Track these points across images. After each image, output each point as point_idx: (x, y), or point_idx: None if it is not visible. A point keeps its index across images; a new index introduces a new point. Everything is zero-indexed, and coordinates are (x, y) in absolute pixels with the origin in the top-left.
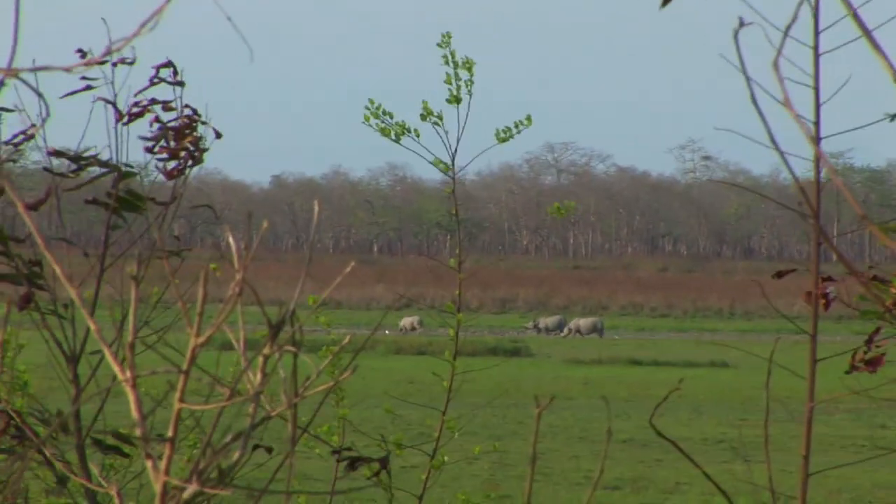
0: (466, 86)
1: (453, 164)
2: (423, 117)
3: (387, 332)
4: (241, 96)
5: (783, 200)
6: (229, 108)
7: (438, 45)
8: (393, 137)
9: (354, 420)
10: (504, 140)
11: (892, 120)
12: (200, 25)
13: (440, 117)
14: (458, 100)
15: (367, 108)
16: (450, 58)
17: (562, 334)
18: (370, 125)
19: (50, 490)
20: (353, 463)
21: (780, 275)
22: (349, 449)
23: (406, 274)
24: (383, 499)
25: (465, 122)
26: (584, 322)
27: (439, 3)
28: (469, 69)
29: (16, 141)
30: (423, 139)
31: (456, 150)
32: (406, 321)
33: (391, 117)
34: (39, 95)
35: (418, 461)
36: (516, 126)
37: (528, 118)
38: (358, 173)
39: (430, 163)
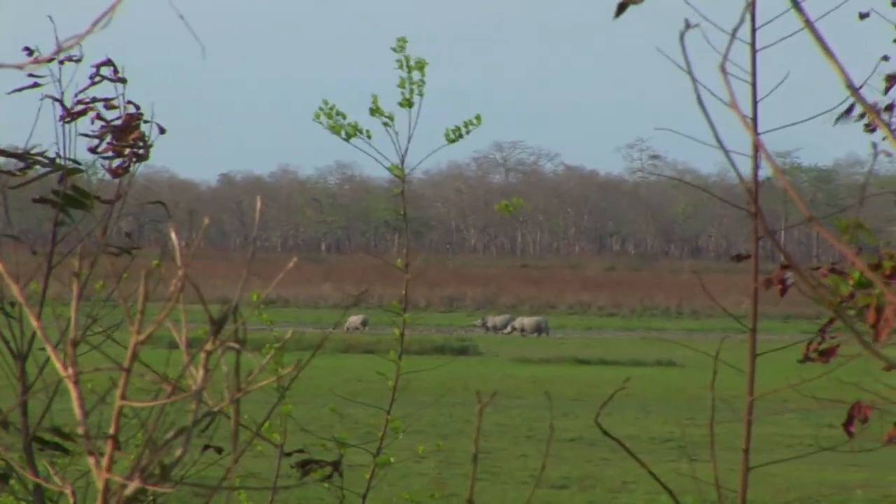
0: (417, 87)
1: (403, 165)
2: (373, 112)
3: (332, 329)
4: (188, 94)
5: (730, 199)
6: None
7: (393, 49)
8: (343, 136)
9: (302, 419)
10: (453, 141)
11: (835, 123)
12: (149, 23)
13: (391, 118)
14: (410, 103)
15: (321, 108)
16: (404, 62)
17: (505, 331)
18: (320, 123)
19: None
20: (305, 465)
21: (738, 258)
22: (301, 451)
23: (354, 272)
24: (331, 496)
25: (415, 124)
26: (528, 321)
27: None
28: (421, 69)
29: None
30: (373, 138)
31: (406, 151)
32: (351, 320)
33: (344, 118)
34: None
35: (365, 460)
36: (466, 126)
37: (478, 118)
38: (306, 172)
39: (385, 167)
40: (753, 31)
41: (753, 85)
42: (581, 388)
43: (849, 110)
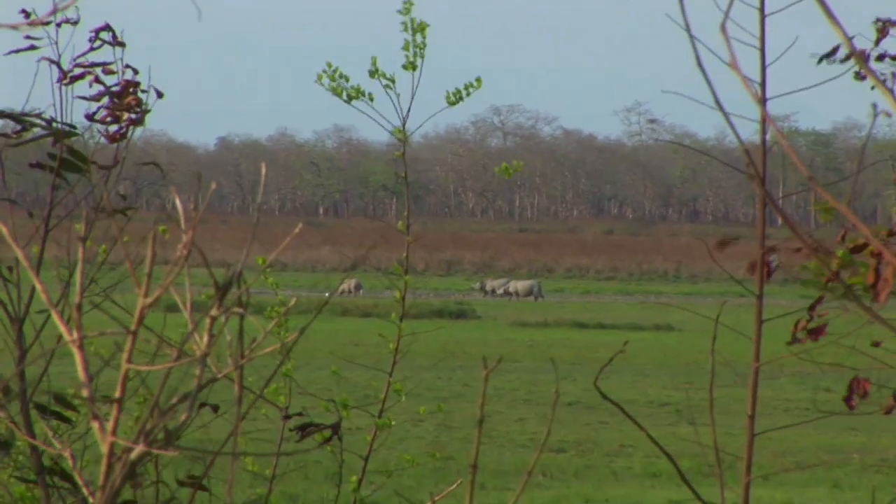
0: (419, 49)
1: (404, 129)
2: (372, 74)
3: (327, 294)
4: (186, 57)
5: (729, 163)
6: (175, 68)
7: (399, 11)
8: (345, 98)
9: (301, 381)
10: (454, 103)
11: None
12: None
13: (392, 80)
14: (413, 66)
15: (325, 71)
16: (409, 24)
17: (498, 293)
18: (322, 85)
19: None
20: (304, 429)
21: (721, 245)
22: (300, 414)
23: (352, 236)
24: (330, 459)
25: (417, 87)
26: (521, 285)
27: None
28: (422, 32)
29: None
30: (373, 101)
31: (408, 114)
32: (345, 283)
33: (347, 80)
34: None
35: (364, 423)
36: (466, 89)
37: (478, 80)
38: (304, 135)
39: (388, 130)
40: None
41: (762, 50)
42: (579, 351)
43: (833, 51)
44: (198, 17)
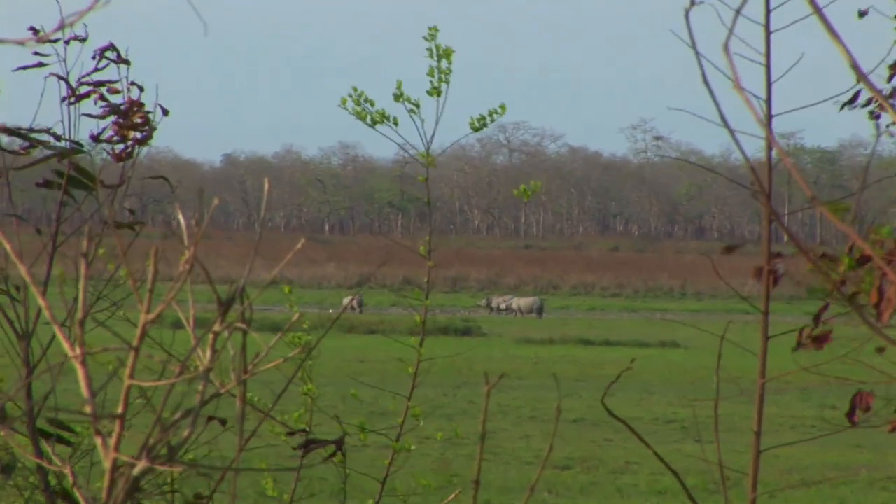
0: (444, 75)
1: (428, 153)
2: (397, 98)
3: (331, 311)
4: (191, 73)
5: (735, 180)
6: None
7: (424, 38)
8: (369, 123)
9: (304, 399)
10: (478, 129)
11: (841, 109)
12: (152, 1)
13: (417, 105)
14: (438, 92)
15: (350, 95)
16: (434, 50)
17: (501, 308)
18: (346, 109)
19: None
20: (308, 445)
21: (728, 250)
22: (304, 431)
23: (357, 253)
24: (334, 475)
25: (441, 111)
26: (523, 301)
27: None
28: (448, 58)
29: None
30: (398, 126)
31: (432, 139)
32: (346, 300)
33: (372, 104)
34: None
35: (372, 440)
36: (490, 115)
37: (502, 107)
38: (310, 152)
39: (411, 155)
40: (768, 12)
41: (767, 66)
42: (584, 368)
43: (854, 97)
44: (204, 31)
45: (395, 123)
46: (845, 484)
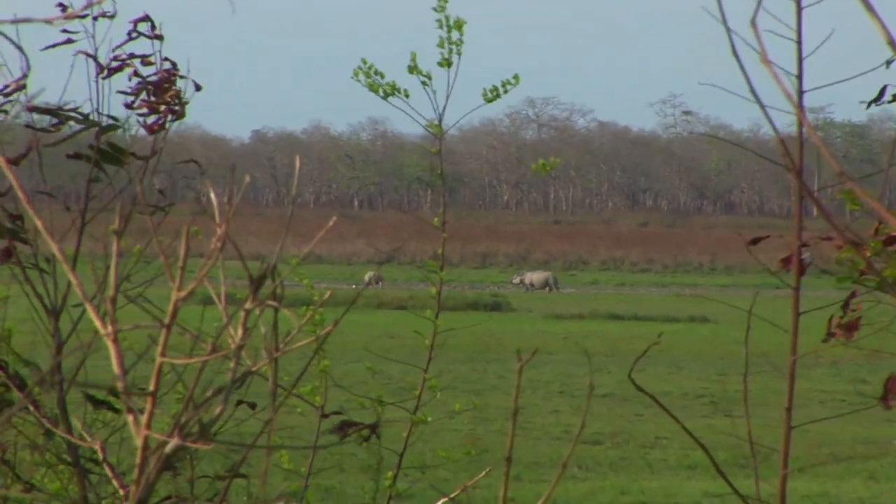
0: (455, 46)
1: (441, 124)
2: (411, 70)
3: (354, 286)
4: (220, 49)
5: (765, 155)
6: (209, 61)
7: (434, 9)
8: (381, 95)
9: (335, 374)
10: (491, 100)
11: (868, 107)
12: None
13: (429, 77)
14: (448, 63)
15: (360, 67)
16: (444, 21)
17: (514, 281)
18: (359, 81)
19: (34, 446)
20: (343, 428)
21: (754, 242)
22: (339, 413)
23: (386, 229)
24: (365, 451)
25: (453, 84)
26: (536, 277)
27: None
28: (459, 29)
29: (6, 92)
30: (409, 97)
31: (444, 110)
32: (367, 275)
33: (382, 77)
34: (20, 49)
35: (398, 416)
36: (503, 86)
37: (516, 77)
38: (339, 128)
39: (423, 126)
40: None
41: (799, 42)
42: (614, 343)
43: (881, 94)
44: (231, 10)
45: (406, 95)
46: (875, 458)
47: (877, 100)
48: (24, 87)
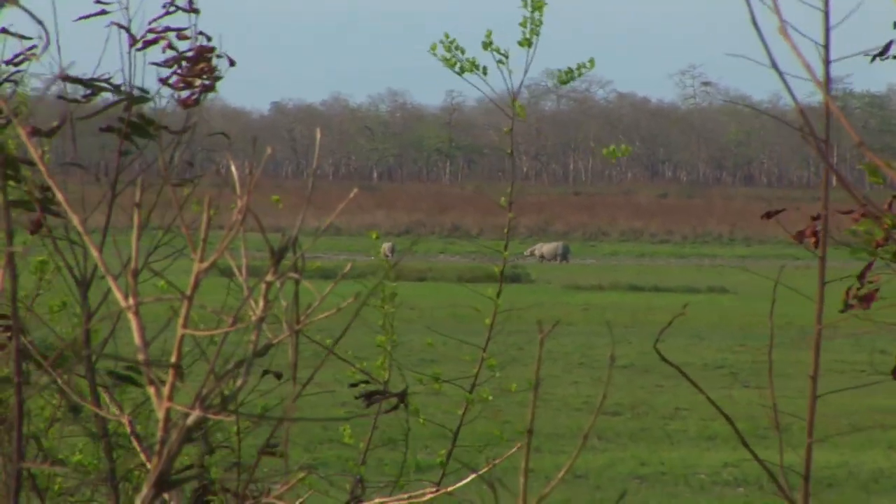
0: (536, 27)
1: (514, 104)
2: (486, 46)
3: (372, 257)
4: (239, 21)
5: (787, 123)
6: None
7: None
8: (457, 71)
9: (359, 345)
10: (565, 82)
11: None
12: None
13: (506, 55)
14: (529, 43)
15: (441, 41)
16: (528, 1)
17: (525, 254)
18: (434, 54)
19: (59, 419)
20: (370, 396)
21: (768, 215)
22: (366, 382)
23: (406, 200)
24: (389, 422)
25: (530, 64)
26: (546, 248)
27: None
28: (539, 10)
29: (16, 61)
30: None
31: (519, 90)
32: (383, 247)
33: (462, 52)
34: (39, 21)
35: (420, 387)
36: (579, 69)
37: (591, 61)
38: (358, 100)
39: (500, 106)
40: None
41: (826, 12)
42: (634, 315)
43: (886, 48)
44: None
45: (485, 73)
46: (895, 428)
47: (881, 54)
48: (31, 58)
